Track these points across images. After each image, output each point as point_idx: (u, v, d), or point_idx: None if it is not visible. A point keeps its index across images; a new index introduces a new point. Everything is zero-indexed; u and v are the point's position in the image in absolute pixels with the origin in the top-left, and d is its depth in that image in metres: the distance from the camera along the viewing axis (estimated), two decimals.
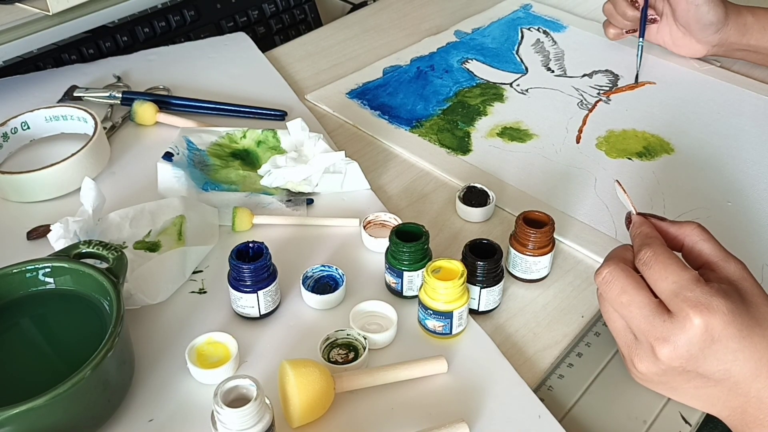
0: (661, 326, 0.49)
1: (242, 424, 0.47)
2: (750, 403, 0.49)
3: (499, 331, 0.62)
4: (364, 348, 0.57)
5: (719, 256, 0.53)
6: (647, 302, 0.50)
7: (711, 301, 0.48)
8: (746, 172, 0.79)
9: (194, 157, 0.76)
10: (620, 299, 0.51)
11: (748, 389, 0.49)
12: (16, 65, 0.91)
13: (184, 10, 1.02)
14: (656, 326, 0.49)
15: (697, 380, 0.50)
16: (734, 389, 0.50)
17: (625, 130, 0.85)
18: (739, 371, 0.49)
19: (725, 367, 0.49)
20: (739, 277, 0.51)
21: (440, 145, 0.82)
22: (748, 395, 0.49)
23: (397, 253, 0.61)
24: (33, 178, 0.71)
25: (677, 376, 0.51)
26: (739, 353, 0.48)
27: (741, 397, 0.50)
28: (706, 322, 0.48)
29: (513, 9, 1.10)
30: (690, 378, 0.50)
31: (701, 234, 0.54)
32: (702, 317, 0.48)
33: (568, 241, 0.70)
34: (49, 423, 0.48)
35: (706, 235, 0.54)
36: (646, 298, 0.50)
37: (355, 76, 0.93)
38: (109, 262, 0.57)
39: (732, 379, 0.49)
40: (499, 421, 0.54)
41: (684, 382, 0.51)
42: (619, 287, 0.51)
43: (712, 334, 0.48)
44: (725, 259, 0.52)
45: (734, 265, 0.52)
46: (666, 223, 0.56)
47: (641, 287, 0.51)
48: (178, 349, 0.57)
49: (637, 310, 0.50)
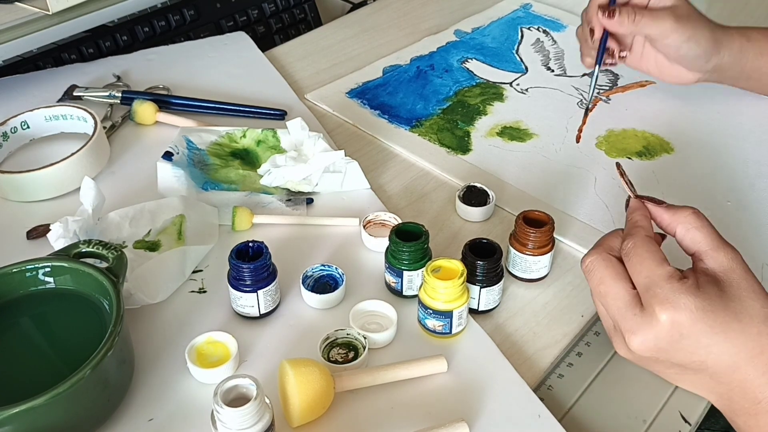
0: (632, 319, 0.50)
1: (242, 424, 0.47)
2: (734, 392, 0.50)
3: (498, 331, 0.62)
4: (363, 347, 0.57)
5: (710, 245, 0.52)
6: (622, 294, 0.51)
7: (679, 298, 0.48)
8: (746, 171, 0.79)
9: (194, 156, 0.76)
10: (599, 289, 0.52)
11: (729, 379, 0.50)
12: (16, 65, 0.91)
13: (183, 9, 1.02)
14: (627, 319, 0.50)
15: (675, 368, 0.51)
16: (715, 378, 0.50)
17: (625, 130, 0.85)
18: (714, 363, 0.49)
19: (699, 359, 0.49)
20: (727, 269, 0.51)
21: (440, 144, 0.82)
22: (730, 384, 0.50)
23: (396, 252, 0.61)
24: (33, 178, 0.71)
25: (654, 364, 0.52)
26: (712, 347, 0.49)
27: (724, 385, 0.50)
28: (672, 318, 0.48)
29: (513, 8, 1.10)
30: (667, 366, 0.51)
31: (695, 221, 0.54)
32: (667, 314, 0.48)
33: (568, 241, 0.70)
34: (48, 422, 0.48)
35: (700, 222, 0.54)
36: (621, 290, 0.51)
37: (355, 75, 0.93)
38: (109, 261, 0.57)
39: (709, 370, 0.50)
40: (499, 421, 0.54)
41: (663, 368, 0.52)
42: (599, 277, 0.52)
43: (680, 330, 0.49)
44: (715, 249, 0.52)
45: (724, 255, 0.52)
46: (662, 208, 0.56)
47: (619, 278, 0.52)
48: (178, 349, 0.57)
49: (612, 301, 0.51)
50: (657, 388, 0.58)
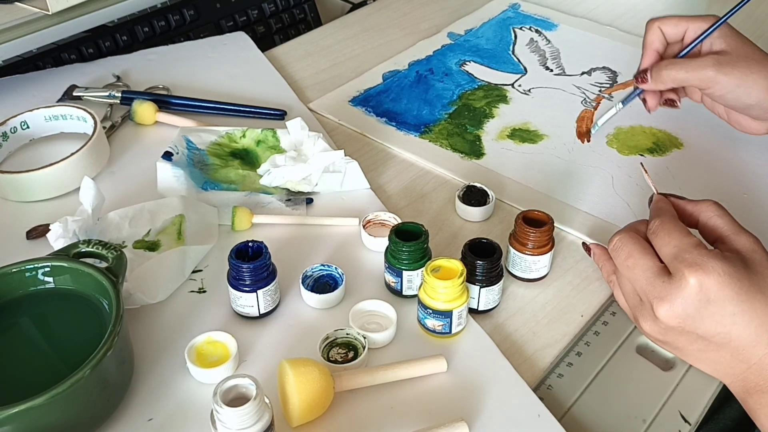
0: (660, 286, 0.51)
1: (241, 424, 0.47)
2: (751, 370, 0.50)
3: (498, 331, 0.62)
4: (363, 347, 0.57)
5: (731, 230, 0.54)
6: (650, 265, 0.52)
7: (707, 262, 0.50)
8: (756, 162, 0.79)
9: (194, 156, 0.76)
10: (626, 263, 0.54)
11: (749, 355, 0.50)
12: (16, 65, 0.91)
13: (183, 9, 1.02)
14: (656, 287, 0.51)
15: (699, 343, 0.51)
16: (736, 355, 0.51)
17: (633, 127, 0.85)
18: (738, 335, 0.50)
19: (724, 330, 0.50)
20: (749, 249, 0.53)
21: (452, 149, 0.82)
22: (749, 362, 0.50)
23: (396, 252, 0.61)
24: (32, 178, 0.71)
25: (679, 337, 0.52)
26: (737, 316, 0.49)
27: (743, 364, 0.51)
28: (701, 281, 0.49)
29: (502, 9, 1.10)
30: (692, 340, 0.52)
31: (716, 210, 0.56)
32: (696, 277, 0.49)
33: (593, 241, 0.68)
34: (48, 422, 0.48)
35: (721, 211, 0.56)
36: (649, 262, 0.53)
37: (355, 82, 0.93)
38: (109, 261, 0.57)
39: (732, 344, 0.50)
40: (499, 420, 0.54)
41: (687, 343, 0.52)
42: (626, 252, 0.54)
43: (707, 294, 0.49)
44: (737, 233, 0.54)
45: (745, 239, 0.53)
46: (684, 201, 0.58)
47: (646, 252, 0.53)
48: (178, 349, 0.57)
49: (641, 272, 0.53)
50: (657, 388, 0.58)
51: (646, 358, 0.61)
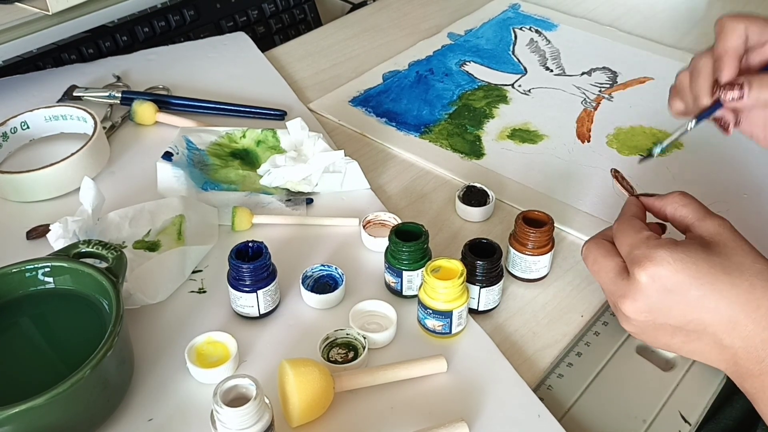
0: (621, 285, 0.52)
1: (242, 424, 0.47)
2: (739, 355, 0.50)
3: (498, 331, 0.62)
4: (363, 347, 0.57)
5: (696, 217, 0.54)
6: (612, 266, 0.54)
7: (654, 253, 0.50)
8: (755, 162, 0.79)
9: (194, 156, 0.76)
10: (593, 268, 0.55)
11: (732, 340, 0.50)
12: (16, 65, 0.91)
13: (183, 9, 1.02)
14: (619, 286, 0.52)
15: (679, 335, 0.52)
16: (718, 341, 0.50)
17: (633, 127, 0.85)
18: (711, 320, 0.50)
19: (695, 316, 0.50)
20: (714, 233, 0.53)
21: (453, 150, 0.82)
22: (734, 346, 0.50)
23: (396, 252, 0.61)
24: (32, 178, 0.71)
25: (657, 332, 0.53)
26: (704, 300, 0.49)
27: (729, 349, 0.50)
28: (652, 273, 0.50)
29: (502, 9, 1.10)
30: (670, 333, 0.52)
31: (681, 200, 0.56)
32: (646, 270, 0.50)
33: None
34: (48, 422, 0.48)
35: (686, 200, 0.56)
36: (611, 263, 0.54)
37: (355, 83, 0.93)
38: (109, 261, 0.57)
39: (709, 329, 0.50)
40: (499, 421, 0.54)
41: (668, 337, 0.53)
42: (592, 258, 0.55)
43: (664, 283, 0.50)
44: (702, 219, 0.54)
45: (710, 223, 0.53)
46: (652, 198, 0.58)
47: (608, 255, 0.54)
48: (178, 349, 0.57)
49: (605, 274, 0.54)
50: (657, 388, 0.58)
51: (646, 359, 0.60)
